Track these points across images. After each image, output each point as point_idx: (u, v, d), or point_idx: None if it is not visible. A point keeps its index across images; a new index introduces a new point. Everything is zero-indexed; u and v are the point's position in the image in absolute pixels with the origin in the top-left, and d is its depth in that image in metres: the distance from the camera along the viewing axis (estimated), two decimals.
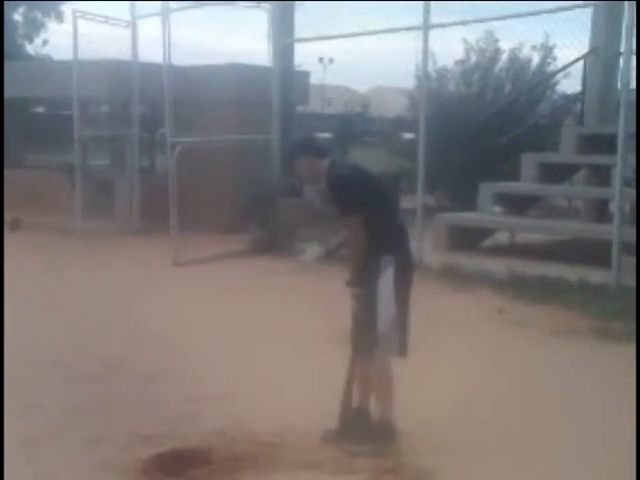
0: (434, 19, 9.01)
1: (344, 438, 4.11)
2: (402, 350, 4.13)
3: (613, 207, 8.83)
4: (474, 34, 14.18)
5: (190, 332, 6.34)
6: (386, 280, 4.00)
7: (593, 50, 10.31)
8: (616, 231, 7.63)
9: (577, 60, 10.75)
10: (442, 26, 9.35)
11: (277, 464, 3.93)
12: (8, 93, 12.66)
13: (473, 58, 14.53)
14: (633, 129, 7.83)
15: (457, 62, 14.55)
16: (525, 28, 11.65)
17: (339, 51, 15.73)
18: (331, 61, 24.84)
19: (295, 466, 3.92)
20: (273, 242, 9.93)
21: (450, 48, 13.58)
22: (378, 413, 4.16)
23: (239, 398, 4.74)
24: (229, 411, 4.51)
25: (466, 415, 4.55)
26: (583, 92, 10.75)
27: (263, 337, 6.17)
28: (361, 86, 26.59)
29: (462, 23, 9.97)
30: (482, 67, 14.47)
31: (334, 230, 8.78)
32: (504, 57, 14.52)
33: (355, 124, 18.38)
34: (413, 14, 9.25)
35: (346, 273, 4.12)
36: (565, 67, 11.56)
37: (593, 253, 8.22)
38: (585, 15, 10.25)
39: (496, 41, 14.31)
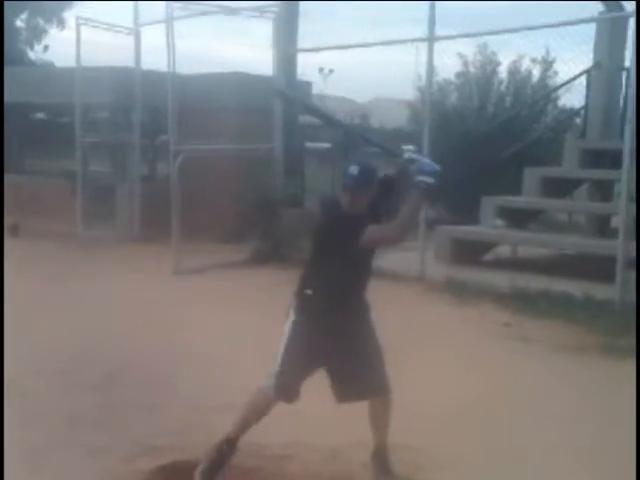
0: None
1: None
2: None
3: (616, 222, 8.81)
4: (470, 47, 14.23)
5: (191, 342, 6.25)
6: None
7: (596, 64, 10.31)
8: (621, 246, 7.59)
9: (581, 74, 10.75)
10: (447, 38, 9.35)
11: (282, 476, 3.89)
12: (9, 98, 12.64)
13: (472, 71, 14.55)
14: None
15: (458, 74, 14.57)
16: (525, 42, 11.59)
17: (339, 62, 15.74)
18: (331, 72, 24.86)
19: (301, 478, 3.87)
20: (275, 252, 9.87)
21: (449, 61, 13.57)
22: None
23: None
24: (233, 422, 4.44)
25: (473, 430, 4.51)
26: (586, 106, 10.75)
27: (266, 348, 6.09)
28: (361, 97, 26.60)
29: (468, 35, 9.99)
30: (481, 80, 14.47)
31: None
32: (502, 70, 14.56)
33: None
34: (411, 26, 9.25)
35: None
36: (569, 81, 11.55)
37: (595, 268, 8.16)
38: (588, 29, 10.27)
39: (494, 54, 14.34)
